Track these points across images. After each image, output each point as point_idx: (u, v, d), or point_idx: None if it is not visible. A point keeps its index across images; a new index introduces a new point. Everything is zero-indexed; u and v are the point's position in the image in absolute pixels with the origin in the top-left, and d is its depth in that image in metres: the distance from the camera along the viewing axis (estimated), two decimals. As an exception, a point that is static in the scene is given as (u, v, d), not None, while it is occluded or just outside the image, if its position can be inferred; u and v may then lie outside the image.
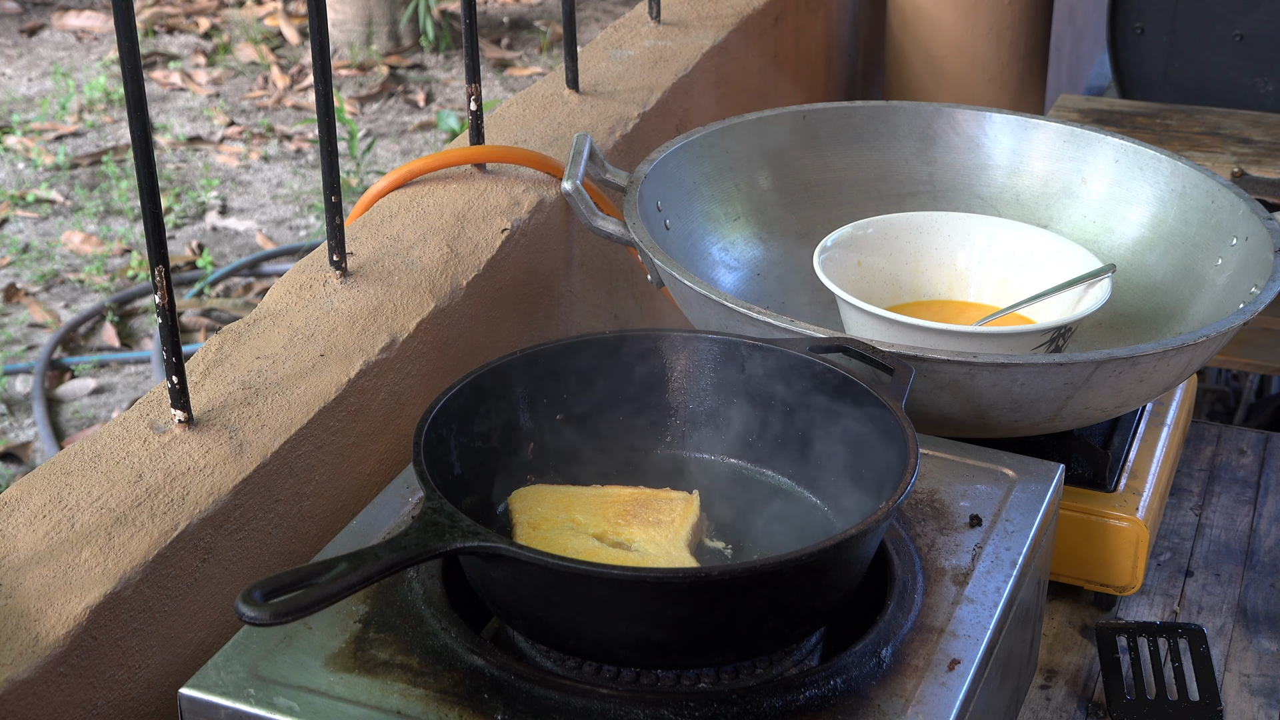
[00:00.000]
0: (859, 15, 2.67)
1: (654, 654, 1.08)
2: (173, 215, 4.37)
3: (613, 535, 1.19)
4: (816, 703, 1.05)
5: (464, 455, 1.20)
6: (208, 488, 1.20)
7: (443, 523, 1.03)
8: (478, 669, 1.07)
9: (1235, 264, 1.60)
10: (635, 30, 2.11)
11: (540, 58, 5.62)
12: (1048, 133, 1.80)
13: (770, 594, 1.04)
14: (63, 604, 1.08)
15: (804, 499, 1.26)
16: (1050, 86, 3.25)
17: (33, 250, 4.18)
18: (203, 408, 1.27)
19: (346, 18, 5.58)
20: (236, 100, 5.21)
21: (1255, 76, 2.79)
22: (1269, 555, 1.67)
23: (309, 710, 1.04)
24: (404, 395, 1.42)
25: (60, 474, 1.19)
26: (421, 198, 1.62)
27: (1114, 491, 1.53)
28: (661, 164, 1.67)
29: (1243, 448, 1.86)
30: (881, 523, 1.07)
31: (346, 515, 1.32)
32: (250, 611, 0.93)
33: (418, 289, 1.46)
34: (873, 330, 1.51)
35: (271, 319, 1.40)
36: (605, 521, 1.20)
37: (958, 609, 1.15)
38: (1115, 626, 1.48)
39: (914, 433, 1.15)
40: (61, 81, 5.28)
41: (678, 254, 1.64)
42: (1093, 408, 1.41)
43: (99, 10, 5.95)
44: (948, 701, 1.06)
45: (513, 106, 1.87)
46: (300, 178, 4.65)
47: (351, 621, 1.12)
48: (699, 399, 1.31)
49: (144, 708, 1.15)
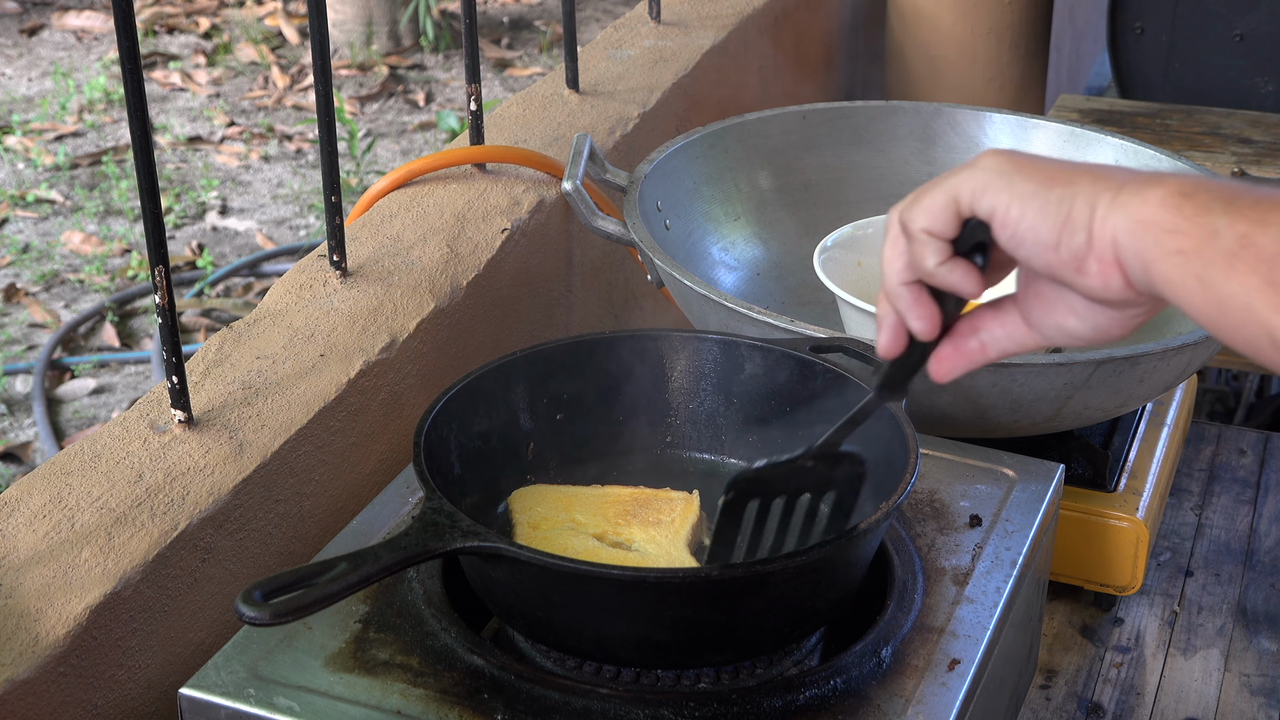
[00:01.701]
0: (859, 15, 2.67)
1: (654, 654, 1.08)
2: (173, 215, 4.37)
3: (613, 535, 1.19)
4: (816, 703, 1.05)
5: (464, 455, 1.20)
6: (208, 488, 1.20)
7: (443, 523, 1.03)
8: (478, 669, 1.07)
9: (1235, 264, 1.60)
10: (635, 30, 2.11)
11: (540, 58, 5.63)
12: (1048, 133, 1.80)
13: (770, 594, 1.04)
14: (63, 604, 1.08)
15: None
16: (1050, 86, 3.25)
17: (33, 250, 4.18)
18: (203, 408, 1.27)
19: (346, 18, 5.58)
20: (236, 100, 5.21)
21: (1255, 76, 2.79)
22: (1269, 555, 1.67)
23: (309, 710, 1.04)
24: (404, 395, 1.42)
25: (60, 474, 1.19)
26: (421, 198, 1.62)
27: (1114, 491, 1.53)
28: (661, 164, 1.67)
29: (1243, 448, 1.86)
30: (881, 523, 1.07)
31: (346, 515, 1.32)
32: (250, 611, 0.93)
33: (418, 289, 1.46)
34: (873, 330, 1.50)
35: (271, 319, 1.40)
36: (605, 521, 1.20)
37: (958, 609, 1.15)
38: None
39: (914, 433, 1.15)
40: (61, 81, 5.29)
41: (678, 254, 1.64)
42: (1093, 408, 1.41)
43: (99, 10, 5.95)
44: (948, 701, 1.06)
45: (513, 106, 1.87)
46: (300, 178, 4.65)
47: (351, 621, 1.12)
48: (699, 399, 1.31)
49: (144, 708, 1.15)
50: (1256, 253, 0.72)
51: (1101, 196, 0.80)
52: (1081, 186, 0.81)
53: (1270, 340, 0.73)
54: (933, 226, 0.87)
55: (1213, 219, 0.74)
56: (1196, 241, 0.75)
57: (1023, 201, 0.83)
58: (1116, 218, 0.79)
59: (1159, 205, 0.77)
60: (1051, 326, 0.88)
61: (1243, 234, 0.73)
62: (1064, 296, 0.86)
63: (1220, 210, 0.75)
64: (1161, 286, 0.78)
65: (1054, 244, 0.82)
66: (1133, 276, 0.80)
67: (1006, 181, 0.83)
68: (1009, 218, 0.83)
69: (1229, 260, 0.73)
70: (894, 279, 0.90)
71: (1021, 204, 0.83)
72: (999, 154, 0.86)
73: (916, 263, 0.88)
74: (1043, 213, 0.82)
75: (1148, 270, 0.78)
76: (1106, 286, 0.81)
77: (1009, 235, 0.84)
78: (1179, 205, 0.76)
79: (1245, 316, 0.73)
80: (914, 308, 0.90)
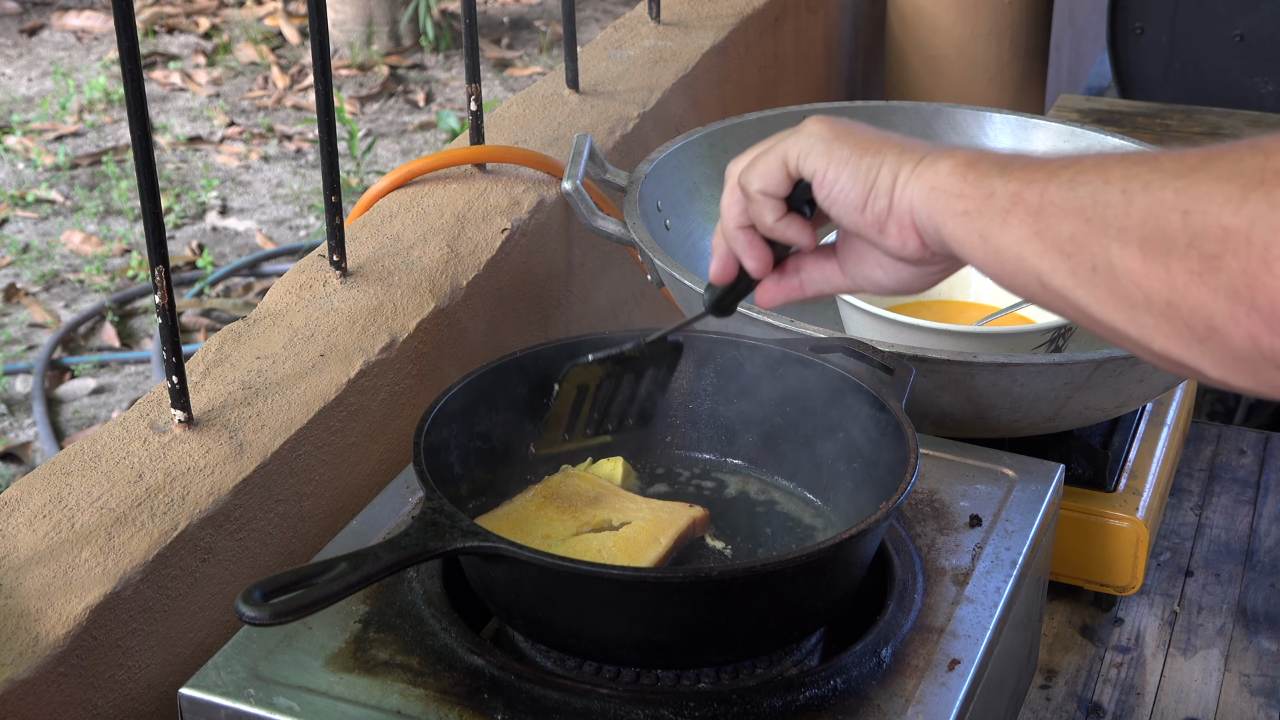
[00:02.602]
0: (859, 15, 2.67)
1: (654, 654, 1.08)
2: (173, 215, 4.37)
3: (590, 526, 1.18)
4: (816, 703, 1.05)
5: (464, 455, 1.20)
6: (208, 488, 1.20)
7: (443, 523, 1.03)
8: (478, 669, 1.07)
9: (1235, 264, 1.60)
10: (635, 30, 2.11)
11: (540, 58, 5.62)
12: (1048, 133, 1.80)
13: (770, 594, 1.04)
14: (63, 604, 1.08)
15: (804, 499, 1.26)
16: (1050, 86, 3.25)
17: (33, 250, 4.18)
18: (203, 408, 1.27)
19: (346, 18, 5.58)
20: (236, 100, 5.21)
21: (1255, 76, 2.79)
22: (1269, 555, 1.67)
23: (309, 710, 1.04)
24: (404, 395, 1.42)
25: (60, 474, 1.19)
26: (421, 198, 1.62)
27: (1114, 491, 1.53)
28: (661, 164, 1.67)
29: (1243, 448, 1.86)
30: (881, 523, 1.07)
31: (346, 515, 1.32)
32: (250, 611, 0.93)
33: (418, 289, 1.46)
34: (873, 330, 1.51)
35: (271, 319, 1.40)
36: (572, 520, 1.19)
37: (958, 609, 1.15)
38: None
39: (914, 433, 1.15)
40: (61, 81, 5.29)
41: (678, 254, 1.64)
42: (1093, 408, 1.41)
43: (99, 10, 5.95)
44: (948, 701, 1.06)
45: (513, 106, 1.87)
46: (300, 178, 4.65)
47: (351, 621, 1.12)
48: (699, 399, 1.31)
49: (144, 708, 1.15)
50: (1025, 208, 0.81)
51: (904, 168, 0.89)
52: (889, 157, 0.91)
53: (1040, 283, 0.81)
54: (767, 187, 0.97)
55: (990, 182, 0.83)
56: (977, 203, 0.84)
57: (838, 166, 0.93)
58: (914, 186, 0.88)
59: (948, 174, 0.86)
60: (861, 276, 0.99)
61: (1014, 192, 0.81)
62: (873, 252, 0.96)
63: (997, 174, 0.83)
64: (951, 244, 0.87)
65: (860, 206, 0.92)
66: (927, 238, 0.89)
67: (826, 147, 0.93)
68: (825, 180, 0.93)
69: (1003, 216, 0.82)
70: (731, 224, 1.01)
71: (837, 169, 0.93)
72: (822, 120, 0.96)
73: (756, 218, 0.99)
74: (854, 178, 0.92)
75: (939, 231, 0.87)
76: (904, 246, 0.91)
77: (825, 195, 0.94)
78: (964, 173, 0.85)
79: (1018, 265, 0.81)
80: (749, 249, 1.01)
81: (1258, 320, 0.69)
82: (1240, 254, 0.69)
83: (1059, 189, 0.79)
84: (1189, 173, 0.72)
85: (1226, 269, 0.69)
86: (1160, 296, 0.73)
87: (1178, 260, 0.72)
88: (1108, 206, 0.75)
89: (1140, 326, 0.75)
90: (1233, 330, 0.70)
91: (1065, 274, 0.78)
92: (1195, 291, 0.71)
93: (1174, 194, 0.72)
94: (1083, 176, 0.78)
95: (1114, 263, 0.75)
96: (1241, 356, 0.71)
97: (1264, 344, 0.69)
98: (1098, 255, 0.76)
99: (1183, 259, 0.71)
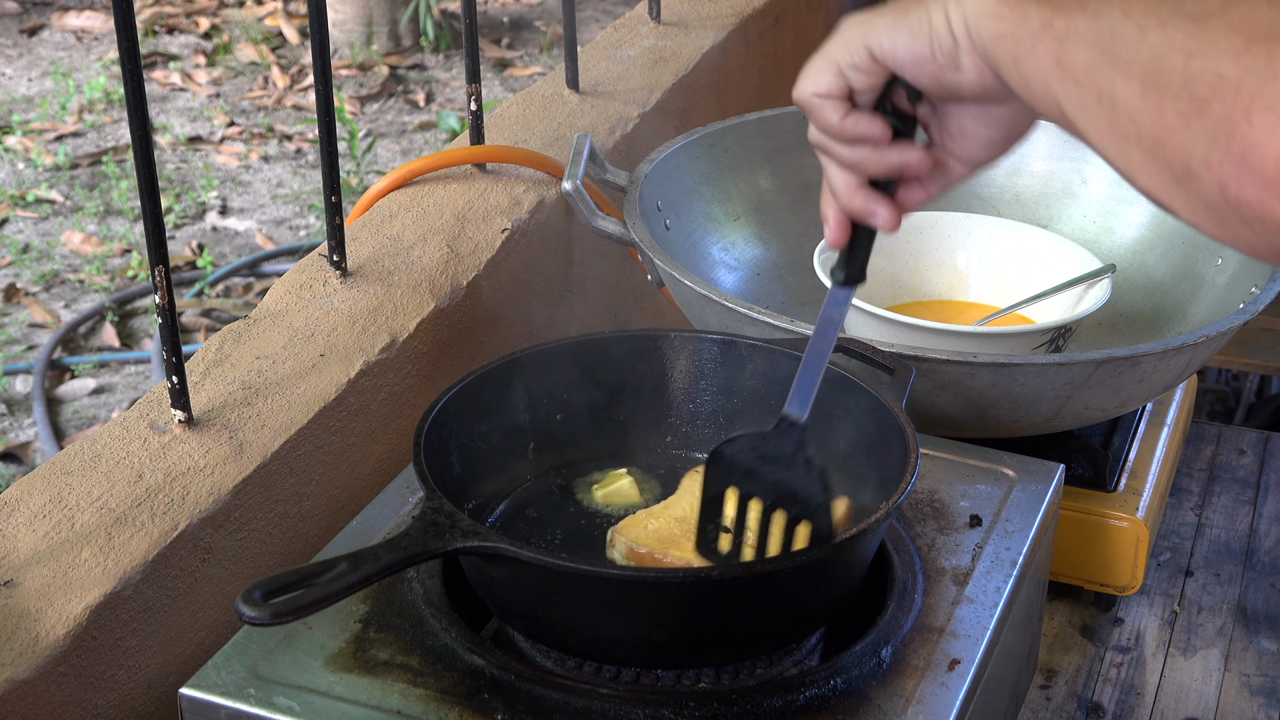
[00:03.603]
0: (859, 15, 2.67)
1: (654, 654, 1.08)
2: (173, 215, 4.37)
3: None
4: (816, 703, 1.05)
5: (464, 455, 1.20)
6: (208, 488, 1.20)
7: (443, 523, 1.03)
8: (478, 669, 1.07)
9: (1235, 264, 1.60)
10: (635, 30, 2.11)
11: (540, 58, 5.63)
12: (1048, 132, 1.79)
13: (770, 594, 1.04)
14: (63, 604, 1.08)
15: (804, 499, 1.26)
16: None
17: (33, 250, 4.18)
18: (203, 408, 1.27)
19: (346, 18, 5.58)
20: (236, 100, 5.21)
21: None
22: (1269, 555, 1.67)
23: (309, 710, 1.04)
24: (404, 395, 1.42)
25: (60, 474, 1.19)
26: (421, 198, 1.62)
27: (1114, 491, 1.53)
28: (661, 164, 1.67)
29: (1243, 448, 1.86)
30: (881, 523, 1.07)
31: (346, 515, 1.32)
32: (250, 611, 0.93)
33: (418, 289, 1.46)
34: (873, 330, 1.51)
35: (271, 319, 1.40)
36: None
37: (958, 609, 1.15)
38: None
39: (914, 433, 1.15)
40: (61, 81, 5.29)
41: (678, 254, 1.64)
42: (1093, 408, 1.41)
43: (99, 10, 5.95)
44: (948, 701, 1.06)
45: (513, 106, 1.87)
46: (300, 178, 4.65)
47: (351, 621, 1.12)
48: (699, 399, 1.31)
49: (144, 708, 1.15)
50: (1052, 34, 0.80)
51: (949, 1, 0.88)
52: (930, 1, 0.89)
53: (1059, 110, 0.81)
54: (819, 88, 0.94)
55: (1026, 7, 0.83)
56: (1012, 25, 0.83)
57: (890, 33, 0.91)
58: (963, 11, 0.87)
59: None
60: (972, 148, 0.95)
61: (1046, 18, 0.81)
62: (965, 114, 0.94)
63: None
64: (996, 68, 0.86)
65: (930, 54, 0.89)
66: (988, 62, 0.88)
67: (867, 29, 0.92)
68: (884, 51, 0.91)
69: (1033, 40, 0.82)
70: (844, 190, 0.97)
71: (891, 35, 0.91)
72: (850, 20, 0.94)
73: (821, 124, 0.95)
74: (911, 33, 0.90)
75: (986, 55, 0.87)
76: (983, 75, 0.88)
77: (895, 65, 0.91)
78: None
79: (1043, 90, 0.82)
80: (868, 205, 0.96)
81: (1229, 167, 0.70)
82: (1226, 101, 0.70)
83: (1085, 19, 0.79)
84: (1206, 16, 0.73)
85: (1211, 114, 0.70)
86: (1149, 134, 0.74)
87: (1170, 100, 0.73)
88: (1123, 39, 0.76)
89: (1128, 161, 0.77)
90: (1205, 175, 0.71)
91: (1075, 103, 0.79)
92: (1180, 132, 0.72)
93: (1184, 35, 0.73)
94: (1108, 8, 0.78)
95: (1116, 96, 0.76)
96: (1210, 203, 0.72)
97: (1230, 192, 0.70)
98: (1104, 87, 0.77)
99: (1175, 99, 0.72)
